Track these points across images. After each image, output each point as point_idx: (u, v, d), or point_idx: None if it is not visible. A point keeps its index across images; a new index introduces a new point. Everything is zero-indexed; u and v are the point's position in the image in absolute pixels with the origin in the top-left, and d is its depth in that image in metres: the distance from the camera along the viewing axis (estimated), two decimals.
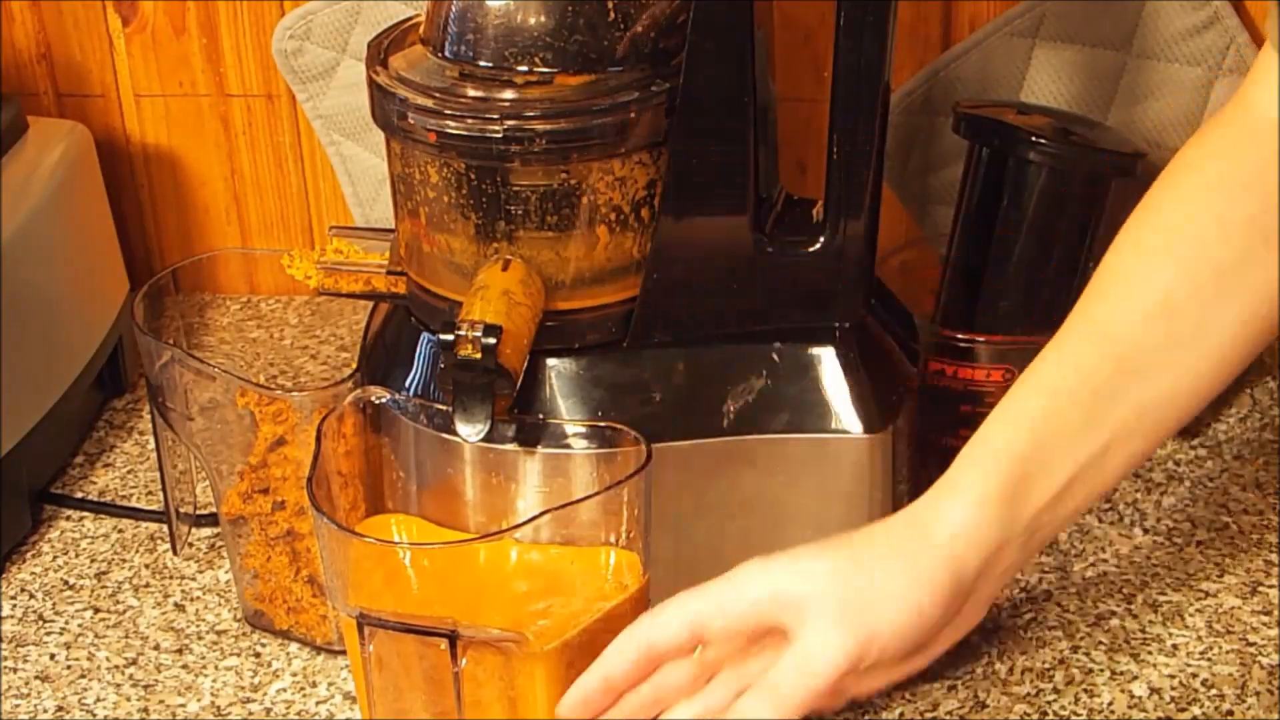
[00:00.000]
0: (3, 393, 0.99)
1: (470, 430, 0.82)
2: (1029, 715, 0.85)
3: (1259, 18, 1.07)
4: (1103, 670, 0.88)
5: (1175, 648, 0.89)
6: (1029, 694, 0.87)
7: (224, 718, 0.88)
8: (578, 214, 0.85)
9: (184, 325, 1.02)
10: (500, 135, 0.82)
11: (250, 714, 0.88)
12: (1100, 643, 0.90)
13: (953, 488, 0.80)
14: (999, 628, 0.90)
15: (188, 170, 1.24)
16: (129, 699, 0.90)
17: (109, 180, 1.19)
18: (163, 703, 0.89)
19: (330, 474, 0.83)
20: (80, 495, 1.06)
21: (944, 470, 0.81)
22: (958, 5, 1.11)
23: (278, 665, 0.91)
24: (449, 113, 0.83)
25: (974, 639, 0.86)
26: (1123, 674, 0.88)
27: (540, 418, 0.86)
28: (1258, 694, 0.86)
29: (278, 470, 0.89)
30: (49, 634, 0.95)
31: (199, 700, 0.89)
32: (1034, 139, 0.99)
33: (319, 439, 0.82)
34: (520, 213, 0.84)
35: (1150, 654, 0.89)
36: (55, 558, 1.01)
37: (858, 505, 0.88)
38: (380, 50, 0.88)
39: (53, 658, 0.93)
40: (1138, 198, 0.83)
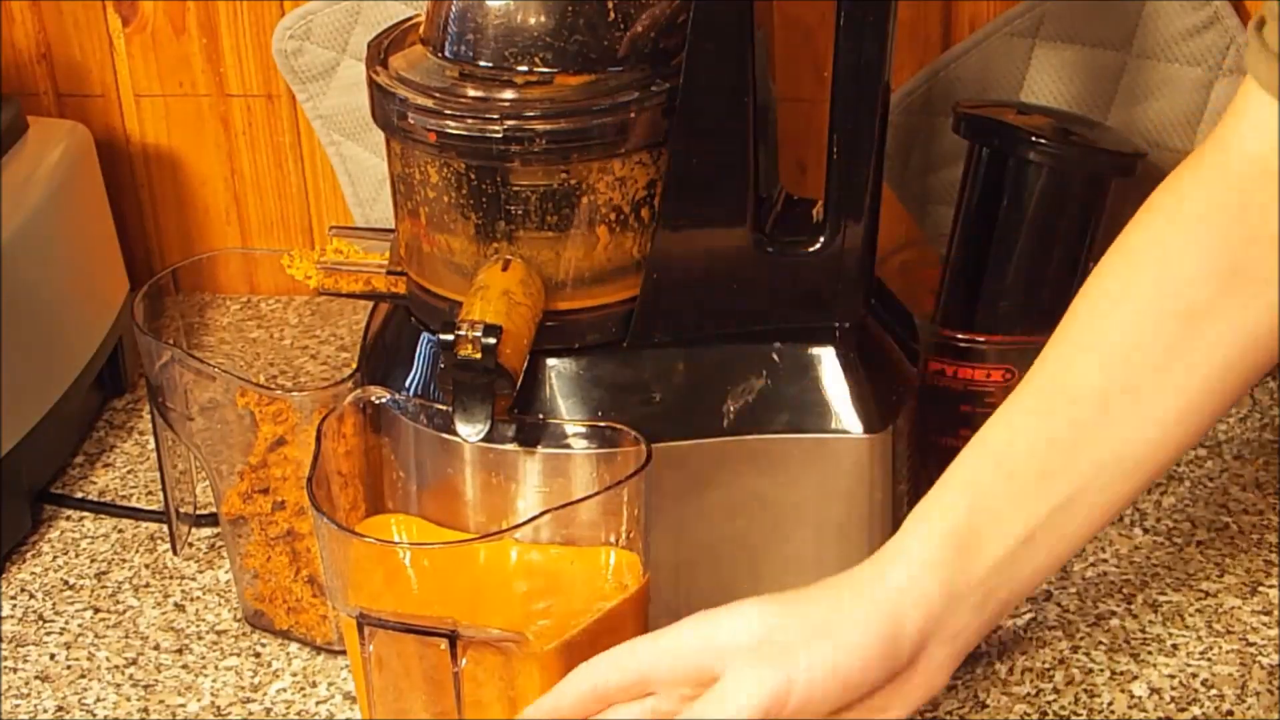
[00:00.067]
0: (3, 393, 0.99)
1: (470, 430, 0.82)
2: (1029, 715, 0.85)
3: None
4: (1103, 670, 0.88)
5: (1175, 648, 0.89)
6: (1029, 694, 0.87)
7: (224, 718, 0.88)
8: (578, 214, 0.85)
9: (184, 325, 1.02)
10: (500, 135, 0.82)
11: (250, 714, 0.88)
12: (1100, 643, 0.90)
13: (899, 544, 0.78)
14: (999, 628, 0.90)
15: (188, 170, 1.24)
16: (129, 699, 0.90)
17: (109, 180, 1.19)
18: (163, 703, 0.89)
19: (330, 474, 0.83)
20: (80, 495, 1.06)
21: (944, 470, 0.81)
22: (958, 5, 1.11)
23: (278, 665, 0.91)
24: (449, 113, 0.83)
25: None
26: (1123, 674, 0.88)
27: (540, 418, 0.85)
28: (1258, 694, 0.86)
29: (278, 470, 0.89)
30: (49, 634, 0.95)
31: (199, 700, 0.89)
32: (1034, 139, 0.98)
33: (319, 439, 0.82)
34: (520, 213, 0.84)
35: (1150, 654, 0.89)
36: (55, 558, 1.01)
37: (858, 505, 0.88)
38: (380, 50, 0.88)
39: (53, 658, 0.93)
40: (1138, 198, 0.83)
